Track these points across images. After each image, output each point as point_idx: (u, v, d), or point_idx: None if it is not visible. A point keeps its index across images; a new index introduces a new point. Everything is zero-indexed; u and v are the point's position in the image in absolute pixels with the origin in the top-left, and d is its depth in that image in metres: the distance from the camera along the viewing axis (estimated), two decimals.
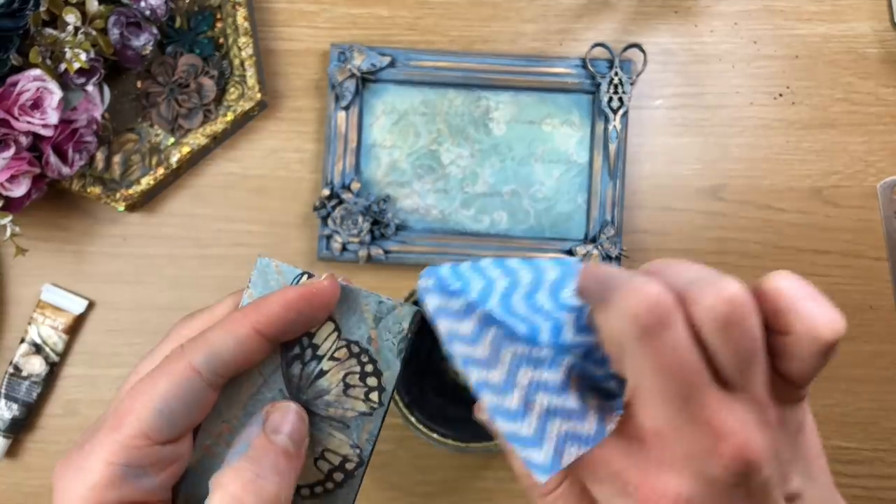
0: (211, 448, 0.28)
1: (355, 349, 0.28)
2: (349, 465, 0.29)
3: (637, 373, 0.21)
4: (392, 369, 0.28)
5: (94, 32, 0.53)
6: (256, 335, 0.26)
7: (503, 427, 0.22)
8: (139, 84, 0.60)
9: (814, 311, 0.21)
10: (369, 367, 0.28)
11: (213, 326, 0.27)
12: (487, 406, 0.23)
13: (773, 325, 0.22)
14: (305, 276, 0.28)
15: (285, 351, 0.28)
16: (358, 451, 0.29)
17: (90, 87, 0.54)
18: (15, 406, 0.58)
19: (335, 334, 0.28)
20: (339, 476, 0.29)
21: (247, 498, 0.25)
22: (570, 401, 0.22)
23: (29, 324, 0.59)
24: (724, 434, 0.21)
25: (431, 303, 0.24)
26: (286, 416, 0.27)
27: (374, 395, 0.28)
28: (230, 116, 0.58)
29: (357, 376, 0.28)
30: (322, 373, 0.28)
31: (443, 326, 0.24)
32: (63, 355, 0.59)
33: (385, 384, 0.28)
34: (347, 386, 0.28)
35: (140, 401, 0.26)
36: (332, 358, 0.28)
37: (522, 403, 0.22)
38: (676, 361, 0.20)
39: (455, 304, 0.23)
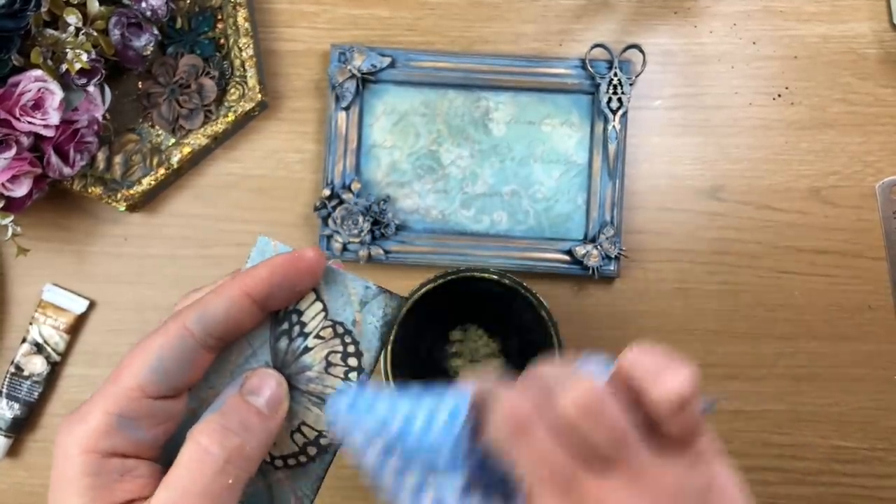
0: (196, 412, 0.29)
1: (340, 330, 0.29)
2: (323, 441, 0.30)
3: (522, 469, 0.24)
4: (373, 352, 0.29)
5: (95, 33, 0.53)
6: (246, 298, 0.28)
7: None
8: (140, 84, 0.60)
9: (660, 376, 0.24)
10: (351, 348, 0.29)
11: (208, 292, 0.29)
12: None
13: (636, 396, 0.24)
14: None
15: (275, 325, 0.30)
16: (339, 390, 0.30)
17: (91, 88, 0.54)
18: (16, 405, 0.58)
19: (322, 314, 0.29)
20: (312, 450, 0.30)
21: (213, 448, 0.26)
22: (475, 502, 0.25)
23: (30, 323, 0.59)
24: None
25: (340, 427, 0.26)
26: (264, 381, 0.29)
27: (353, 375, 0.29)
28: (231, 117, 0.58)
29: (339, 355, 0.29)
30: (307, 349, 0.30)
31: (353, 448, 0.26)
32: (64, 355, 0.60)
33: (365, 366, 0.29)
34: (329, 364, 0.29)
35: (137, 357, 0.28)
36: (317, 336, 0.29)
37: None
38: (545, 456, 0.23)
39: (361, 428, 0.26)
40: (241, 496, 0.27)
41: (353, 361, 0.29)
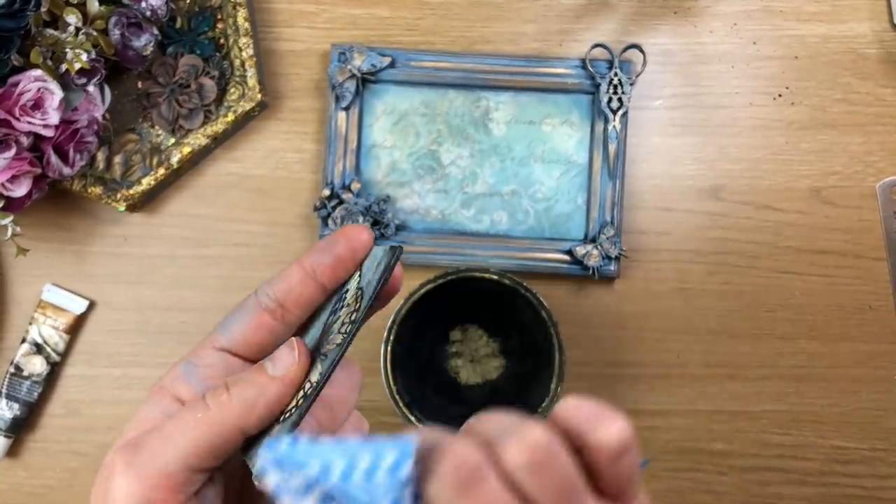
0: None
1: (359, 293, 0.31)
2: (309, 391, 0.30)
3: None
4: (366, 304, 0.30)
5: (94, 33, 0.53)
6: (297, 266, 0.31)
7: None
8: (140, 84, 0.60)
9: (597, 423, 0.23)
10: (358, 305, 0.30)
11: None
12: None
13: (572, 445, 0.24)
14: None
15: (333, 304, 0.32)
16: (320, 377, 0.30)
17: (91, 88, 0.54)
18: (16, 406, 0.58)
19: (357, 282, 0.31)
20: (301, 401, 0.30)
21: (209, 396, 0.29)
22: None
23: (30, 324, 0.59)
24: None
25: (272, 479, 0.25)
26: (282, 348, 0.30)
27: (346, 329, 0.30)
28: (231, 117, 0.58)
29: (350, 315, 0.31)
30: (338, 318, 0.31)
31: (285, 502, 0.25)
32: (64, 355, 0.60)
33: (356, 318, 0.30)
34: (343, 324, 0.31)
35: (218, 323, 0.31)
36: (347, 305, 0.31)
37: None
38: None
39: (294, 480, 0.25)
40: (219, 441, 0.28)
41: (353, 316, 0.31)
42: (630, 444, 0.24)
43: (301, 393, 0.30)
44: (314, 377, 0.30)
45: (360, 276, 0.31)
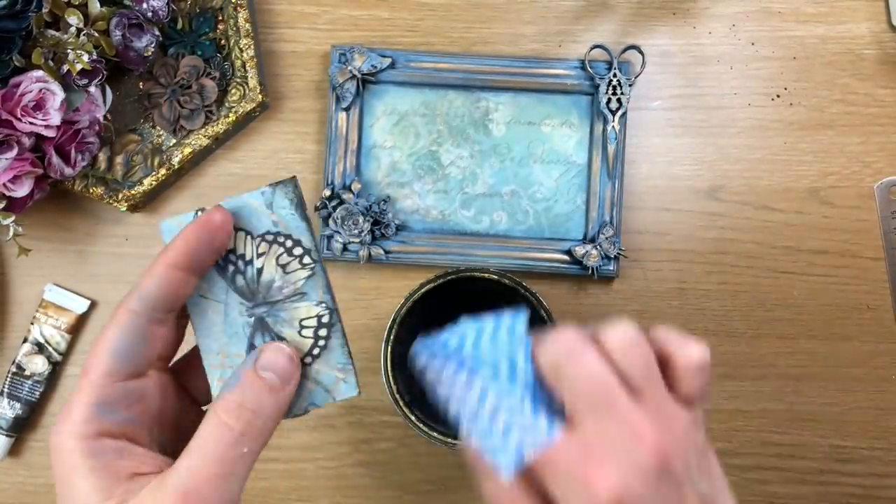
0: (222, 379, 0.33)
1: (269, 237, 0.33)
2: (324, 318, 0.33)
3: (567, 388, 0.28)
4: (304, 232, 0.33)
5: (96, 34, 0.54)
6: (171, 269, 0.31)
7: (477, 442, 0.29)
8: (141, 85, 0.60)
9: (684, 343, 0.29)
10: (289, 243, 0.33)
11: (141, 277, 0.32)
12: (465, 428, 0.30)
13: (660, 359, 0.29)
14: (200, 212, 0.32)
15: (224, 272, 0.33)
16: (322, 304, 0.33)
17: (92, 89, 0.54)
18: (18, 405, 0.58)
19: (248, 237, 0.33)
20: (323, 332, 0.33)
21: (230, 422, 0.30)
22: (527, 415, 0.29)
23: (32, 323, 0.59)
24: (641, 431, 0.27)
25: (420, 360, 0.31)
26: (277, 355, 0.32)
27: (306, 258, 0.33)
28: (232, 117, 0.59)
29: (285, 254, 0.33)
30: (259, 271, 0.33)
31: (429, 376, 0.31)
32: (66, 354, 0.60)
33: (307, 245, 0.33)
34: (283, 265, 0.33)
35: (98, 349, 0.31)
36: (258, 255, 0.33)
37: (490, 419, 0.29)
38: (592, 374, 0.28)
39: (438, 359, 0.31)
40: (255, 459, 0.30)
41: (297, 251, 0.33)
42: (708, 365, 0.29)
43: (309, 333, 0.33)
44: (310, 312, 0.33)
45: (245, 233, 0.33)
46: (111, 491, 0.29)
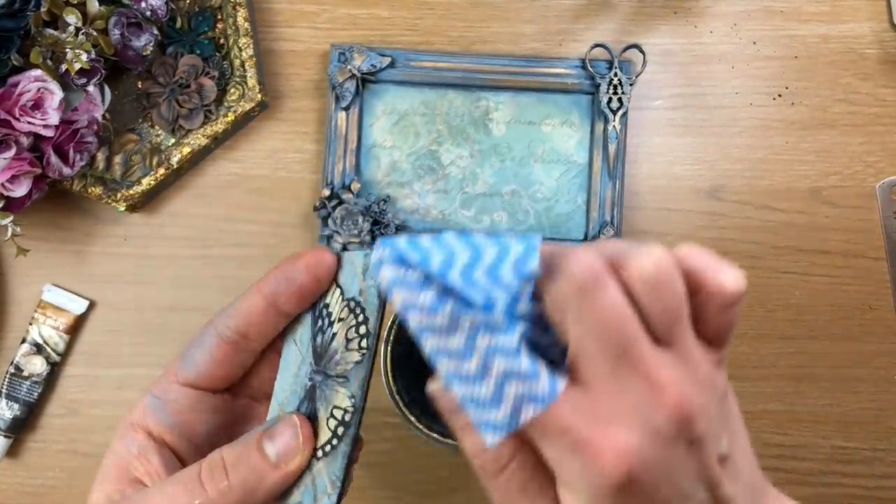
0: None
1: (352, 305, 0.30)
2: (347, 417, 0.30)
3: (578, 331, 0.23)
4: (374, 311, 0.29)
5: (94, 33, 0.53)
6: (257, 293, 0.30)
7: (461, 391, 0.24)
8: (140, 84, 0.60)
9: (718, 269, 0.24)
10: (361, 318, 0.29)
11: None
12: (444, 373, 0.24)
13: (688, 286, 0.24)
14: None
15: (314, 325, 0.31)
16: (353, 400, 0.29)
17: (91, 88, 0.54)
18: (16, 406, 0.58)
19: (340, 297, 0.30)
20: (340, 430, 0.30)
21: (204, 473, 0.28)
22: (525, 364, 0.23)
23: (30, 324, 0.59)
24: (662, 387, 0.23)
25: (387, 273, 0.24)
26: (281, 429, 0.29)
27: (363, 343, 0.29)
28: (231, 117, 0.58)
29: (354, 329, 0.30)
30: (333, 336, 0.30)
31: (399, 296, 0.24)
32: (64, 355, 0.60)
33: (371, 328, 0.29)
34: (348, 341, 0.30)
35: (180, 353, 0.31)
36: (339, 320, 0.30)
37: (481, 367, 0.24)
38: (611, 316, 0.23)
39: (413, 274, 0.24)
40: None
41: (362, 329, 0.29)
42: (742, 294, 0.25)
43: (332, 424, 0.29)
44: (343, 402, 0.29)
45: (340, 289, 0.30)
46: (113, 484, 0.29)
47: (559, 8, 0.62)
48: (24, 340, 0.59)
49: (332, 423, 0.29)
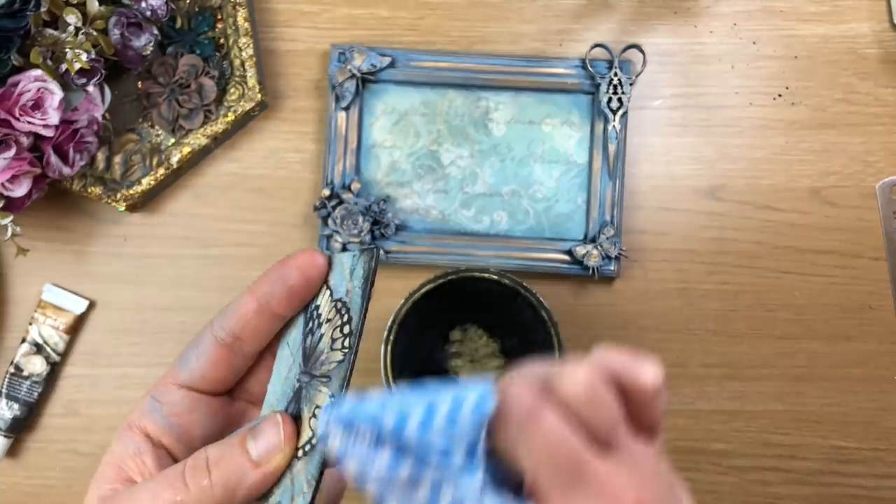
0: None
1: (339, 305, 0.30)
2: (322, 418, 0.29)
3: (529, 462, 0.25)
4: (359, 312, 0.29)
5: (94, 33, 0.53)
6: (249, 295, 0.30)
7: None
8: (140, 84, 0.60)
9: (635, 368, 0.26)
10: (346, 317, 0.29)
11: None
12: None
13: (616, 388, 0.26)
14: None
15: (304, 327, 0.31)
16: (332, 399, 0.29)
17: (91, 88, 0.54)
18: (16, 405, 0.58)
19: (329, 297, 0.30)
20: (309, 441, 0.29)
21: (187, 475, 0.28)
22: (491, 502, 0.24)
23: (30, 324, 0.59)
24: (619, 495, 0.24)
25: (335, 442, 0.25)
26: (264, 427, 0.29)
27: (346, 342, 0.29)
28: (231, 117, 0.58)
29: (339, 329, 0.30)
30: (321, 337, 0.30)
31: (352, 464, 0.25)
32: (64, 355, 0.60)
33: (353, 328, 0.29)
34: (333, 341, 0.30)
35: (179, 355, 0.31)
36: (327, 320, 0.30)
37: None
38: (554, 441, 0.24)
39: (364, 438, 0.25)
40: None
41: (346, 329, 0.29)
42: (660, 387, 0.26)
43: (314, 424, 0.29)
44: (324, 401, 0.29)
45: (329, 290, 0.30)
46: (108, 483, 0.29)
47: (559, 8, 0.62)
48: (24, 340, 0.59)
49: (314, 422, 0.29)
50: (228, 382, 0.31)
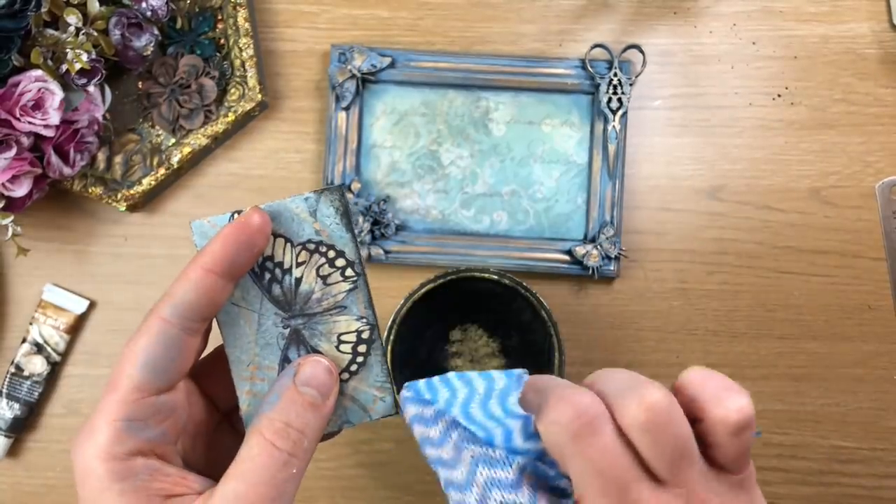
0: (252, 391, 0.31)
1: (311, 246, 0.31)
2: (365, 334, 0.32)
3: (577, 472, 0.23)
4: (348, 243, 0.31)
5: (95, 33, 0.53)
6: (208, 274, 0.29)
7: None
8: (140, 85, 0.60)
9: (722, 398, 0.24)
10: (331, 253, 0.31)
11: (173, 282, 0.30)
12: (453, 502, 0.26)
13: (690, 414, 0.24)
14: (236, 215, 0.31)
15: (259, 280, 0.31)
16: (364, 319, 0.32)
17: (91, 88, 0.54)
18: (16, 405, 0.58)
19: (288, 245, 0.31)
20: (362, 348, 0.32)
21: (278, 443, 0.28)
22: (523, 497, 0.25)
23: (30, 323, 0.59)
24: None
25: (409, 412, 0.28)
26: (315, 369, 0.30)
27: (349, 271, 0.32)
28: (231, 117, 0.59)
29: (327, 265, 0.32)
30: (298, 280, 0.31)
31: (417, 432, 0.28)
32: (64, 355, 0.60)
33: (351, 257, 0.32)
34: (324, 277, 0.32)
35: (127, 360, 0.28)
36: (297, 264, 0.31)
37: (480, 499, 0.25)
38: (606, 461, 0.23)
39: (427, 411, 0.28)
40: (302, 477, 0.29)
41: (340, 262, 0.31)
42: (751, 421, 0.24)
43: (347, 349, 0.32)
44: (349, 327, 0.32)
45: (284, 239, 0.31)
46: None
47: (559, 8, 0.62)
48: (24, 340, 0.59)
49: (346, 347, 0.32)
50: (189, 368, 0.31)
